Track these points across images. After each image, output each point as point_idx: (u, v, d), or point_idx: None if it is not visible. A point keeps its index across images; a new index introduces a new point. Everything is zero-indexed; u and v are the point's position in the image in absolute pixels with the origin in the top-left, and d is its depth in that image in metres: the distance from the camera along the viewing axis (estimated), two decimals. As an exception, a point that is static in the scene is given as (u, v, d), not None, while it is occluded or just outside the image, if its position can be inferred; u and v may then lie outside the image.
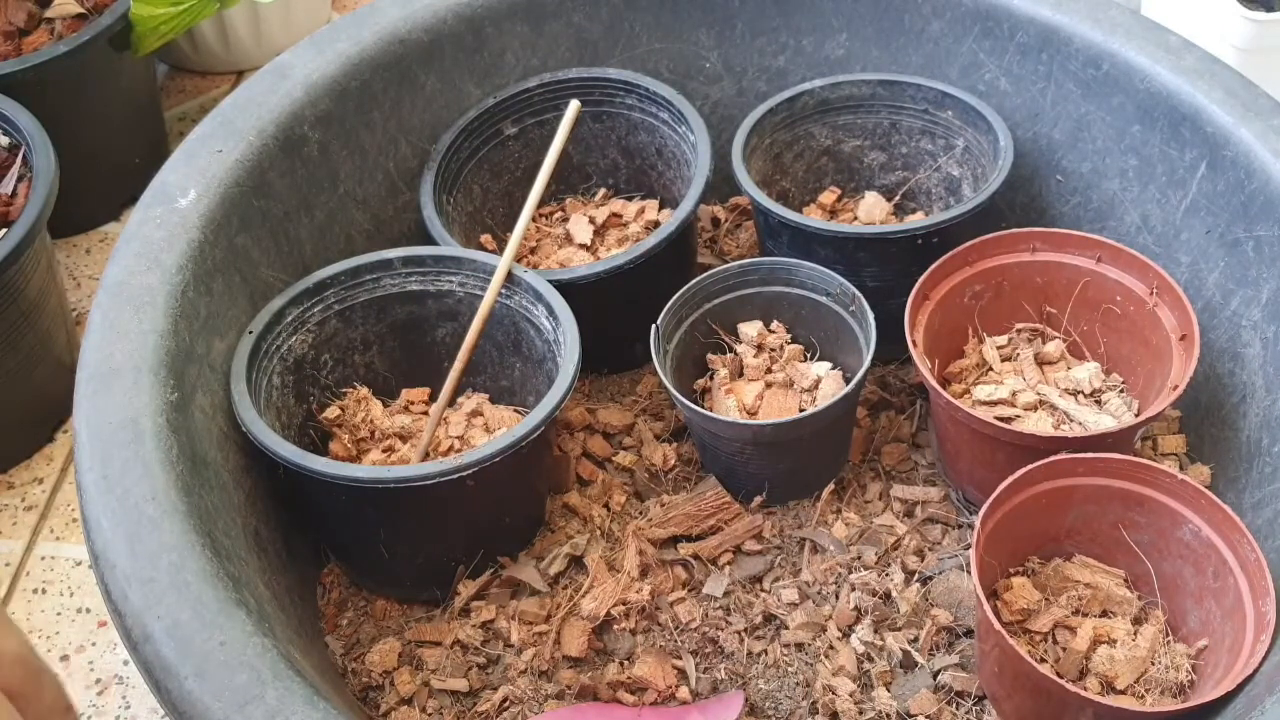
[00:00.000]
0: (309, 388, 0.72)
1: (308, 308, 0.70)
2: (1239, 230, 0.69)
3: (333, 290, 0.71)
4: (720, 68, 0.90)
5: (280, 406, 0.69)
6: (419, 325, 0.74)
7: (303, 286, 0.70)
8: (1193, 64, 0.72)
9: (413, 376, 0.76)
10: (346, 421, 0.72)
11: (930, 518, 0.72)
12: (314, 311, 0.70)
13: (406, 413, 0.74)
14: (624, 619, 0.67)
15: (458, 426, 0.72)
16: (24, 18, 1.04)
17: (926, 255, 0.71)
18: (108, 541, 0.54)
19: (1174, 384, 0.65)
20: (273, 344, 0.68)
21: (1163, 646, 0.61)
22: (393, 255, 0.72)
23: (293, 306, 0.70)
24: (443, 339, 0.74)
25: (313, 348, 0.71)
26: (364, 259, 0.71)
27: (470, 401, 0.73)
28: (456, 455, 0.62)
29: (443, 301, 0.72)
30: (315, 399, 0.72)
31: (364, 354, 0.74)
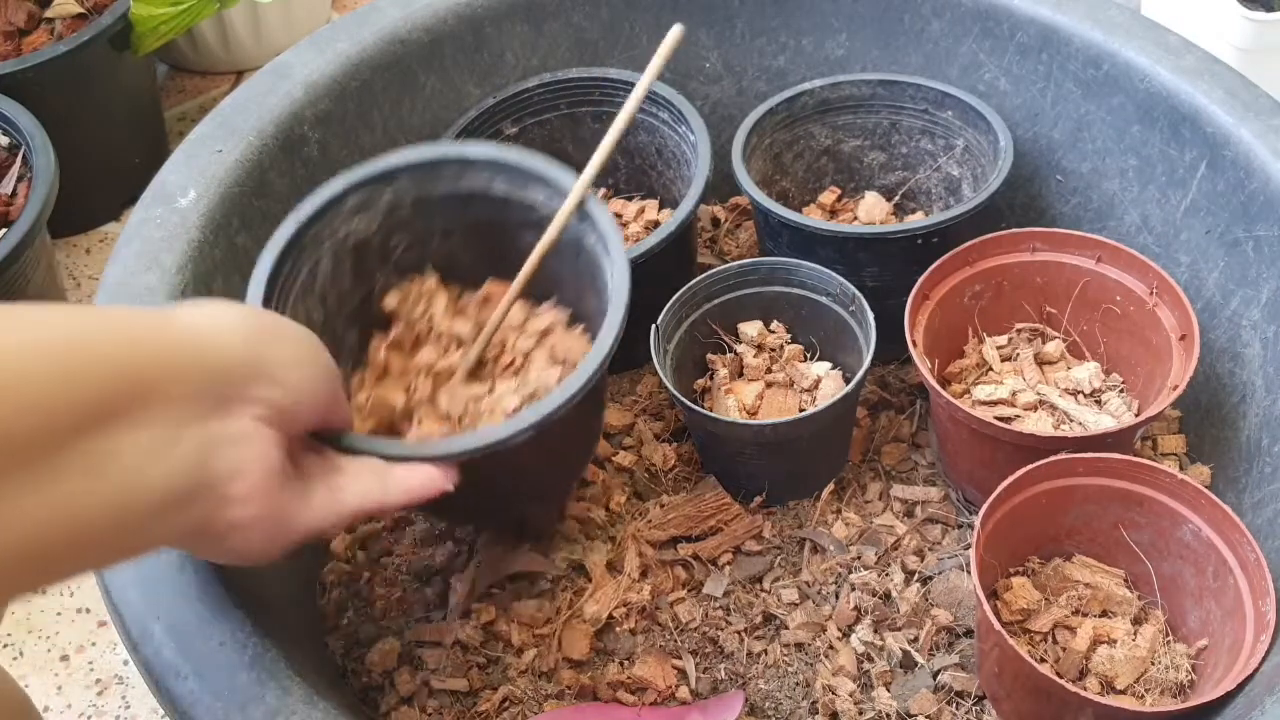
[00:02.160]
0: (374, 267, 0.64)
1: (375, 192, 0.62)
2: (1239, 230, 0.69)
3: (406, 177, 0.63)
4: (720, 68, 0.90)
5: (327, 291, 0.62)
6: (502, 229, 0.65)
7: (368, 172, 0.62)
8: (1193, 64, 0.72)
9: (498, 275, 0.67)
10: (405, 314, 0.65)
11: (930, 518, 0.72)
12: (384, 196, 0.63)
13: (469, 315, 0.66)
14: (624, 619, 0.67)
15: (527, 340, 0.64)
16: (24, 18, 1.04)
17: (926, 255, 0.71)
18: (108, 541, 0.54)
19: (1174, 384, 0.65)
20: (325, 229, 0.61)
21: (1163, 646, 0.61)
22: (474, 155, 0.63)
23: (356, 191, 0.62)
24: (526, 248, 0.64)
25: (381, 231, 0.63)
26: (442, 151, 0.64)
27: (548, 316, 0.65)
28: (451, 439, 0.56)
29: (527, 213, 0.64)
30: (381, 280, 0.65)
31: (444, 242, 0.65)
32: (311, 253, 0.61)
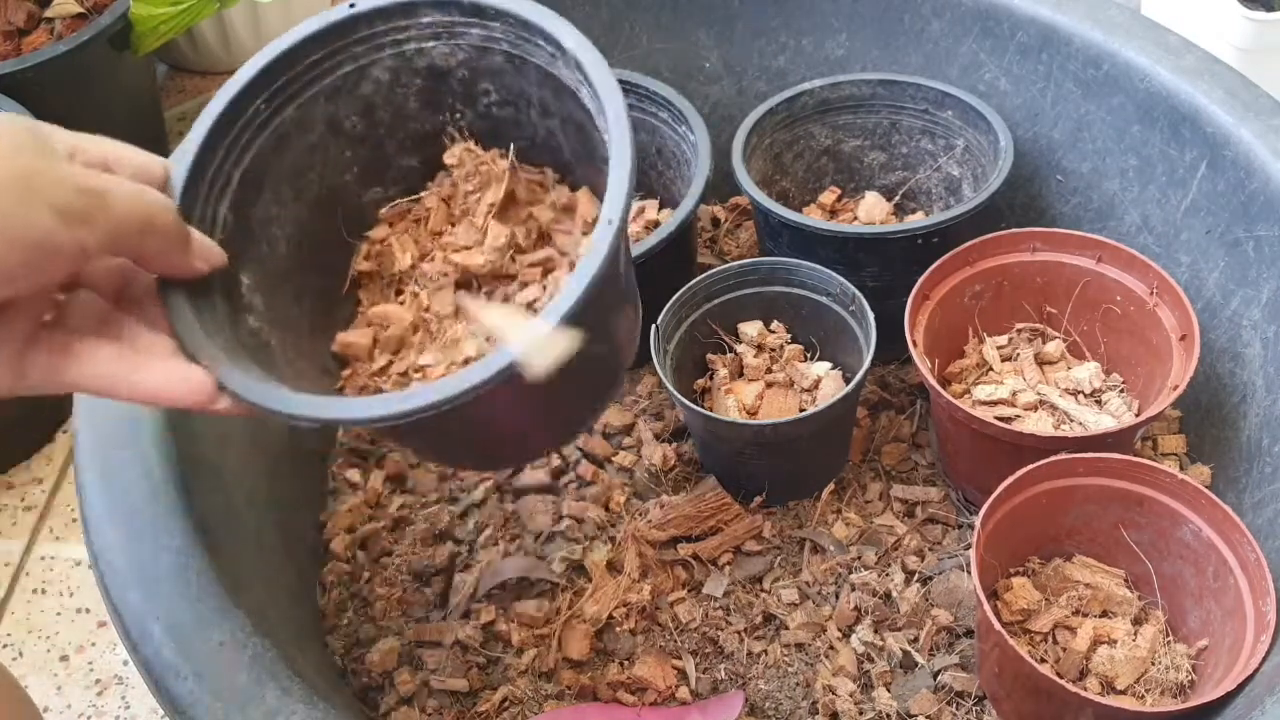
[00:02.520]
0: (452, 102, 0.55)
1: (460, 22, 0.52)
2: (1239, 230, 0.69)
3: (501, 25, 0.51)
4: (720, 68, 0.90)
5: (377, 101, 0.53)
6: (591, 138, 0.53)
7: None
8: (1193, 64, 0.72)
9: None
10: (459, 178, 0.56)
11: (930, 518, 0.72)
12: (473, 30, 0.52)
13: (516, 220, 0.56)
14: (624, 619, 0.67)
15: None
16: (24, 17, 1.04)
17: (927, 255, 0.71)
18: (107, 541, 0.54)
19: (1174, 384, 0.65)
20: (383, 35, 0.52)
21: (1163, 647, 0.61)
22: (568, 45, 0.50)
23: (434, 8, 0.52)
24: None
25: (465, 67, 0.53)
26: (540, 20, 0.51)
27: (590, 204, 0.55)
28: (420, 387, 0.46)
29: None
30: (462, 122, 0.55)
31: (542, 119, 0.54)
32: (357, 52, 0.52)
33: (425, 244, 0.55)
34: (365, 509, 0.76)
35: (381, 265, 0.55)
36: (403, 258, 0.54)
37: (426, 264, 0.54)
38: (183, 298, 0.45)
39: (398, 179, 0.55)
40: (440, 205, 0.55)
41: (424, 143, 0.55)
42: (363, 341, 0.53)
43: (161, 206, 0.42)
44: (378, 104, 0.53)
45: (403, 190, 0.56)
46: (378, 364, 0.53)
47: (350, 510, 0.75)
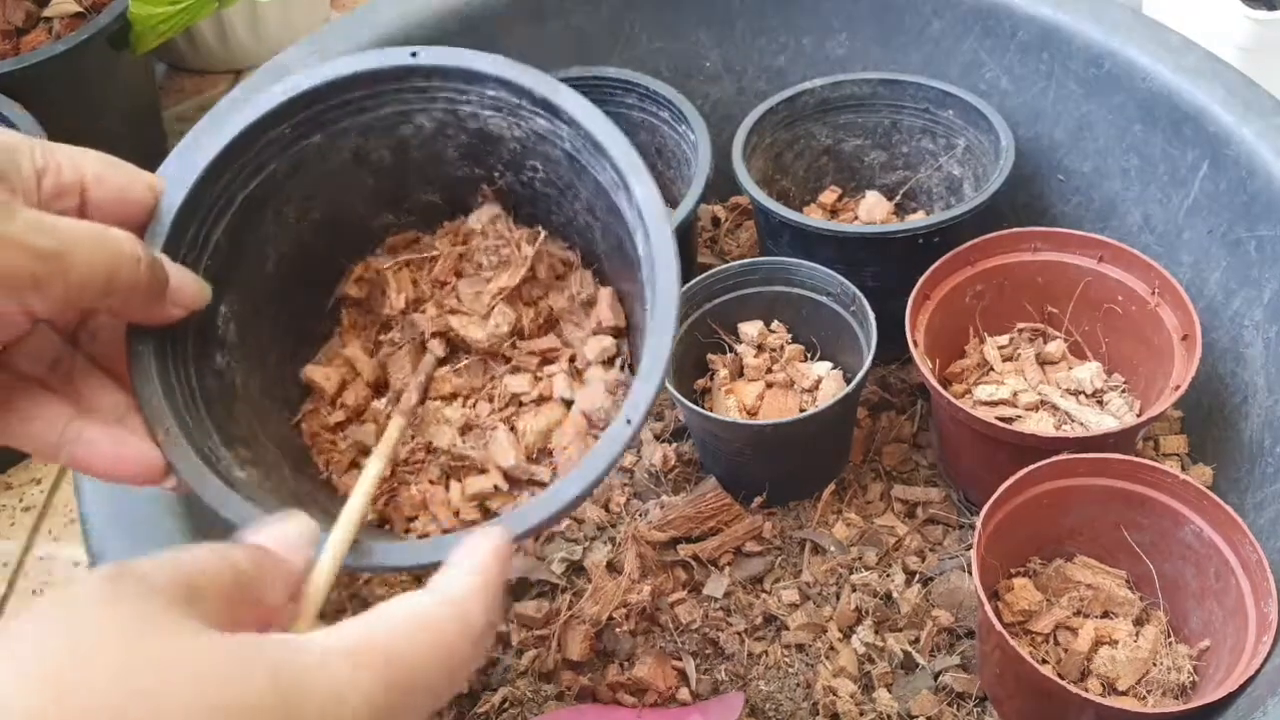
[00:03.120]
0: (495, 166, 0.51)
1: (523, 106, 0.48)
2: (1241, 230, 0.69)
3: (572, 123, 0.47)
4: (720, 67, 0.90)
5: (413, 144, 0.50)
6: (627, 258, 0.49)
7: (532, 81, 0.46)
8: (1194, 63, 0.72)
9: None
10: (477, 244, 0.52)
11: (931, 518, 0.72)
12: (537, 120, 0.48)
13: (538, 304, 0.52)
14: (624, 620, 0.67)
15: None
16: (22, 17, 1.04)
17: (927, 255, 0.71)
18: (106, 543, 0.54)
19: (1176, 384, 0.65)
20: (442, 90, 0.48)
21: (1164, 647, 0.61)
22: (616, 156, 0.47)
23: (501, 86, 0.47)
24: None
25: (520, 144, 0.49)
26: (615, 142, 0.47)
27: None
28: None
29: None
30: (499, 183, 0.51)
31: (584, 215, 0.50)
32: (406, 98, 0.48)
33: (423, 289, 0.52)
34: (364, 509, 0.75)
35: (371, 297, 0.51)
36: (396, 299, 0.51)
37: (418, 314, 0.51)
38: (149, 349, 0.42)
39: (412, 210, 0.52)
40: (452, 251, 0.52)
41: (451, 185, 0.52)
42: (327, 385, 0.50)
43: (128, 260, 0.37)
44: (413, 146, 0.50)
45: (417, 220, 0.52)
46: (334, 418, 0.50)
47: (349, 511, 0.75)
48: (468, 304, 0.51)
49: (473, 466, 0.48)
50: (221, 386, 0.45)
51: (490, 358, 0.51)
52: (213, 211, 0.45)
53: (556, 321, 0.52)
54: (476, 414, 0.50)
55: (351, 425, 0.50)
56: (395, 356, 0.51)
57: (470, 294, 0.51)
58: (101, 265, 0.36)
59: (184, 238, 0.43)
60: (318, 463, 0.49)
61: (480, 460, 0.48)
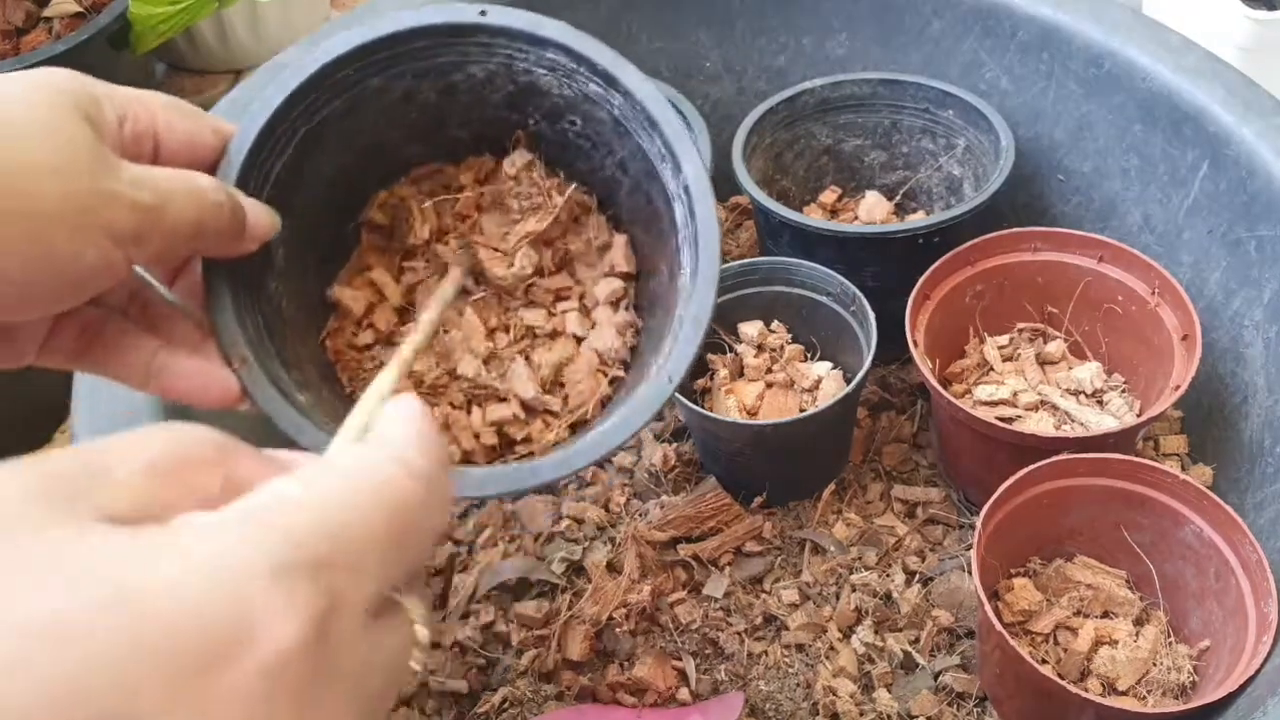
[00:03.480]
0: (534, 113, 0.53)
1: (582, 77, 0.51)
2: (1241, 230, 0.69)
3: (621, 100, 0.51)
4: (720, 67, 0.90)
5: (460, 86, 0.52)
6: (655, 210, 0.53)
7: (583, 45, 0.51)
8: (1194, 63, 0.72)
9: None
10: (504, 183, 0.54)
11: (931, 518, 0.72)
12: (590, 86, 0.51)
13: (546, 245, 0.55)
14: (624, 620, 0.67)
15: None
16: (22, 17, 1.04)
17: (927, 255, 0.71)
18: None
19: (1176, 384, 0.65)
20: (503, 44, 0.50)
21: (1164, 647, 0.61)
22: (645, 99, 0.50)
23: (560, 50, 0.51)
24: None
25: (566, 99, 0.52)
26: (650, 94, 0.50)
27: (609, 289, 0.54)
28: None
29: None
30: (537, 125, 0.54)
31: (618, 170, 0.54)
32: (466, 51, 0.51)
33: (446, 221, 0.54)
34: (364, 509, 0.75)
35: (395, 224, 0.53)
36: (421, 229, 0.53)
37: (441, 245, 0.53)
38: (223, 281, 0.44)
39: (442, 144, 0.54)
40: (475, 186, 0.54)
41: (485, 124, 0.54)
42: (355, 306, 0.52)
43: (214, 207, 0.40)
44: (461, 89, 0.52)
45: (442, 153, 0.54)
46: (362, 338, 0.52)
47: (349, 511, 0.75)
48: (493, 240, 0.53)
49: (494, 395, 0.51)
50: (274, 311, 0.47)
51: (506, 293, 0.53)
52: (278, 146, 0.47)
53: (571, 261, 0.55)
54: (495, 345, 0.52)
55: (379, 347, 0.52)
56: (424, 285, 0.53)
57: (496, 231, 0.54)
58: (193, 215, 0.38)
59: (252, 172, 0.45)
60: (342, 379, 0.51)
61: (502, 390, 0.51)
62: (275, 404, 0.44)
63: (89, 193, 0.35)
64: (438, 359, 0.51)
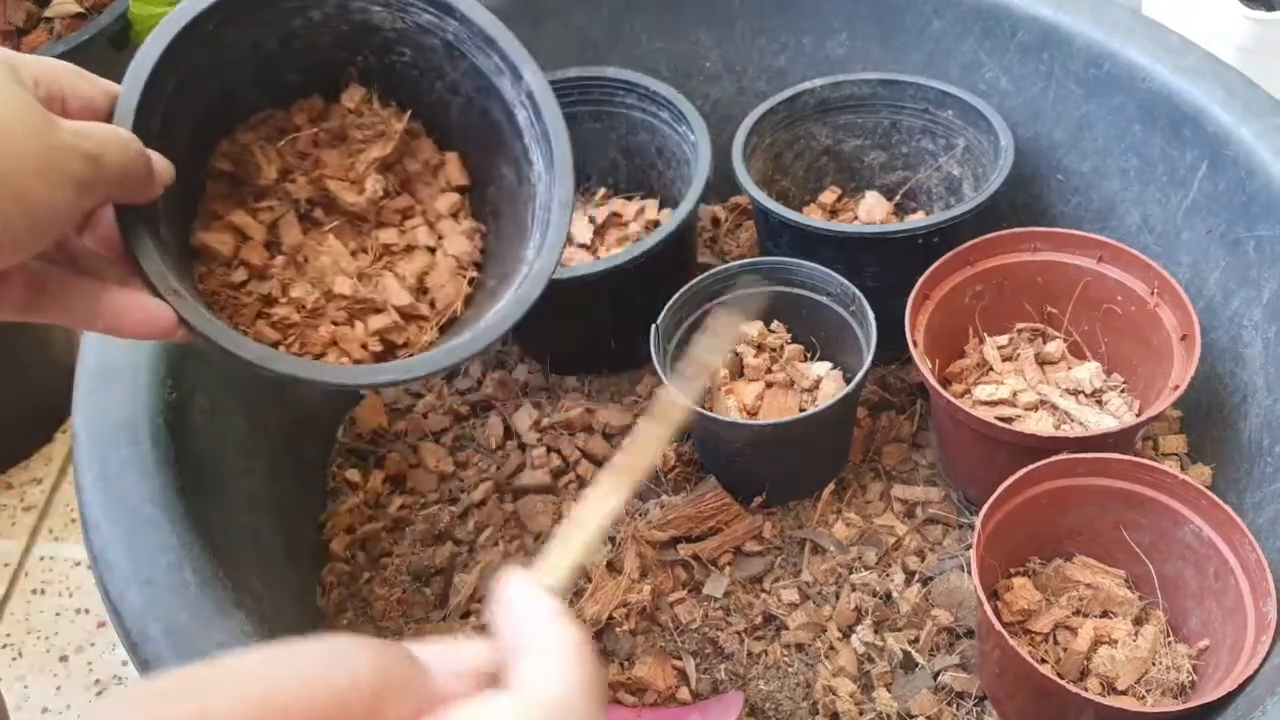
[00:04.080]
0: (363, 51, 0.59)
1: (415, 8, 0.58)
2: (1240, 230, 0.69)
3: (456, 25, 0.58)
4: (720, 67, 0.90)
5: (298, 32, 0.57)
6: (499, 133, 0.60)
7: None
8: (1194, 63, 0.72)
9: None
10: (348, 119, 0.60)
11: (931, 518, 0.72)
12: (424, 15, 0.58)
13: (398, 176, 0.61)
14: (624, 620, 0.67)
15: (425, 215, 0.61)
16: (23, 17, 1.04)
17: (927, 255, 0.71)
18: (106, 542, 0.54)
19: (1175, 384, 0.65)
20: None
21: (1164, 647, 0.61)
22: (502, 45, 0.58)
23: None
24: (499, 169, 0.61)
25: (398, 32, 0.58)
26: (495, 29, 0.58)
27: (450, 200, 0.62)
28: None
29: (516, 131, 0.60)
30: (356, 72, 0.60)
31: (447, 93, 0.60)
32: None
33: (289, 160, 0.58)
34: (365, 509, 0.75)
35: (240, 170, 0.57)
36: (268, 169, 0.57)
37: (289, 184, 0.58)
38: (141, 226, 0.47)
39: (277, 89, 0.58)
40: (309, 125, 0.59)
41: (315, 68, 0.59)
42: (222, 249, 0.55)
43: (135, 153, 0.44)
44: (298, 35, 0.57)
45: (274, 100, 0.59)
46: (236, 276, 0.56)
47: (350, 510, 0.75)
48: (339, 172, 0.59)
49: (371, 307, 0.57)
50: (169, 254, 0.51)
51: (356, 218, 0.59)
52: (155, 101, 0.51)
53: (410, 182, 0.61)
54: (360, 265, 0.58)
55: (254, 281, 0.56)
56: (283, 220, 0.57)
57: (340, 163, 0.59)
58: (124, 162, 0.43)
59: (138, 127, 0.49)
60: (220, 317, 0.54)
61: (379, 301, 0.57)
62: (214, 326, 0.48)
63: (51, 147, 0.39)
64: (312, 284, 0.56)
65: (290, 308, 0.55)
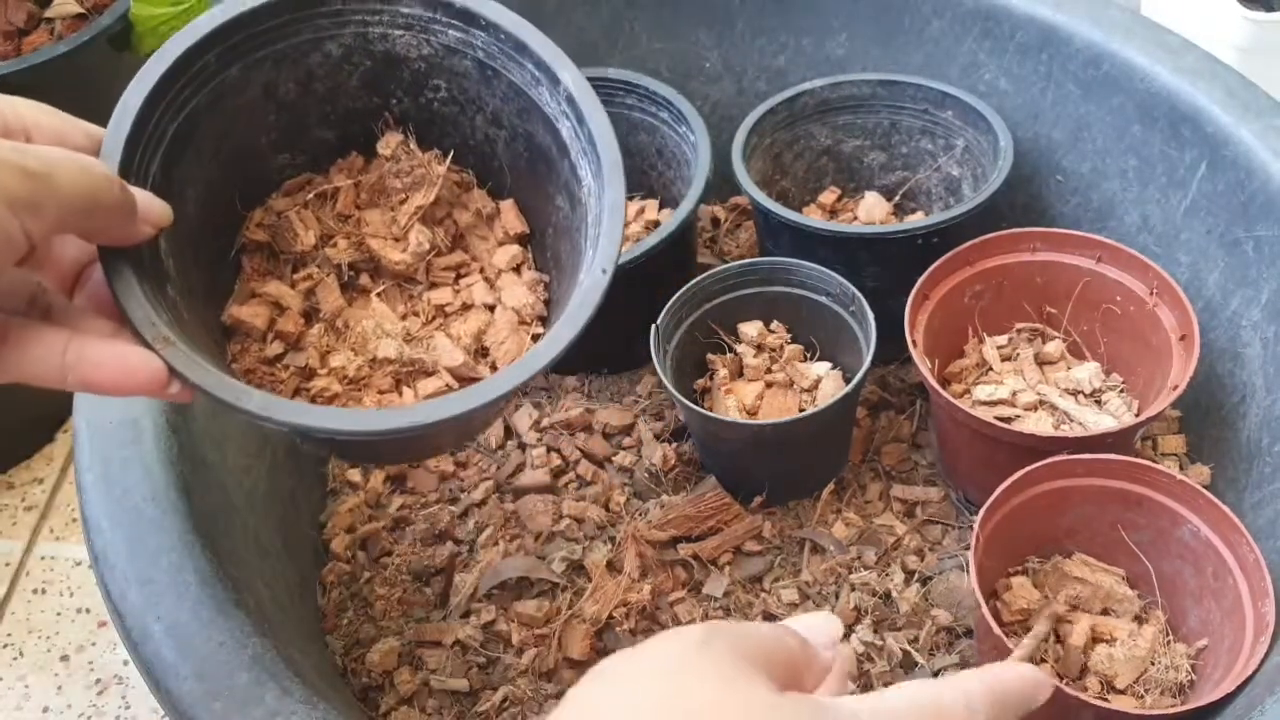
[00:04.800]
0: (396, 91, 0.54)
1: (439, 20, 0.52)
2: (1239, 230, 0.69)
3: (486, 33, 0.51)
4: (720, 67, 0.90)
5: (317, 71, 0.52)
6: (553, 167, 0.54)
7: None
8: (1192, 64, 0.72)
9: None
10: (387, 168, 0.54)
11: (930, 518, 0.72)
12: (450, 33, 0.52)
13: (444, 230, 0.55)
14: (624, 619, 0.67)
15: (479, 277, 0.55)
16: (24, 17, 1.04)
17: (927, 255, 0.71)
18: (108, 542, 0.54)
19: (1174, 384, 0.65)
20: (354, 13, 0.51)
21: (1162, 646, 0.61)
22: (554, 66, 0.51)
23: (418, 2, 0.51)
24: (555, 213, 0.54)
25: (427, 62, 0.53)
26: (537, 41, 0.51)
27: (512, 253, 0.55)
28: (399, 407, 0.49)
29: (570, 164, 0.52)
30: (397, 110, 0.54)
31: (489, 127, 0.54)
32: (320, 25, 0.51)
33: (329, 224, 0.53)
34: (365, 509, 0.76)
35: (276, 238, 0.53)
36: (305, 235, 0.53)
37: (330, 248, 0.53)
38: (128, 268, 0.43)
39: (307, 149, 0.54)
40: (350, 187, 0.54)
41: (347, 118, 0.54)
42: (256, 322, 0.51)
43: (104, 180, 0.39)
44: (318, 76, 0.52)
45: (309, 161, 0.54)
46: (270, 350, 0.51)
47: (350, 510, 0.75)
48: (381, 230, 0.54)
49: (421, 370, 0.51)
50: (177, 319, 0.46)
51: (405, 280, 0.54)
52: (150, 144, 0.46)
53: (463, 236, 0.55)
54: (408, 327, 0.52)
55: (290, 354, 0.51)
56: (322, 286, 0.52)
57: (381, 220, 0.54)
58: (85, 186, 0.38)
59: (130, 169, 0.45)
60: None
61: (430, 363, 0.51)
62: (210, 376, 0.42)
63: None
64: (354, 350, 0.51)
65: (330, 378, 0.50)
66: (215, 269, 0.51)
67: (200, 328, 0.48)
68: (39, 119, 0.41)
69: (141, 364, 0.41)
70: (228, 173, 0.51)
